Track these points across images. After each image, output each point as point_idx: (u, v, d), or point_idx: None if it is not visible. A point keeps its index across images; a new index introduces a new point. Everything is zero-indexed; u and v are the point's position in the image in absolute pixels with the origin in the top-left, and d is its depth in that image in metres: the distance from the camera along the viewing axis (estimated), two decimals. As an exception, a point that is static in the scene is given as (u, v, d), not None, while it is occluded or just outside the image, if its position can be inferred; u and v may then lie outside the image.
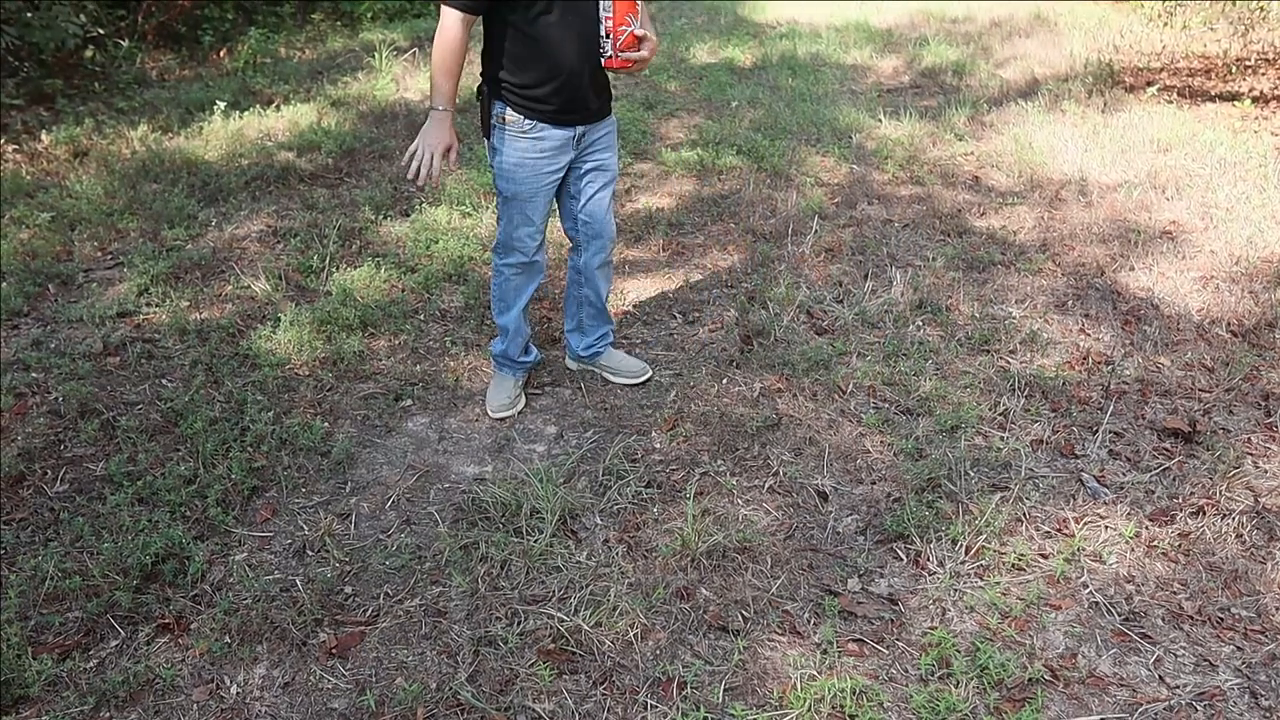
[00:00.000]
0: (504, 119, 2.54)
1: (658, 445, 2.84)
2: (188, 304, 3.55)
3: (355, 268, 3.82)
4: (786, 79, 6.95)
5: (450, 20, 2.39)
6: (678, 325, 3.54)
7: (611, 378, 3.12)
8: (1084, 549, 2.43)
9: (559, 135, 2.57)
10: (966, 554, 2.40)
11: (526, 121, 2.53)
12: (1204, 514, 2.54)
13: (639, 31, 2.45)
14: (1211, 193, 4.62)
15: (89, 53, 6.55)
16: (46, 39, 5.75)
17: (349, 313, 3.44)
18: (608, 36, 2.46)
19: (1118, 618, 2.22)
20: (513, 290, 2.85)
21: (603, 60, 2.50)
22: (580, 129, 2.60)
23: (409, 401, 3.04)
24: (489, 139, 2.62)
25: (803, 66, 7.30)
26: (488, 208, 4.42)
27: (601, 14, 2.45)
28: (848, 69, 7.35)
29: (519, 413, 2.98)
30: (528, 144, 2.56)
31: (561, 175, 2.67)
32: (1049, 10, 8.90)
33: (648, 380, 3.11)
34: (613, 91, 2.72)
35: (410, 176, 2.43)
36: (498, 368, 3.03)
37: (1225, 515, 2.53)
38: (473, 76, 2.84)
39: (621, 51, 2.47)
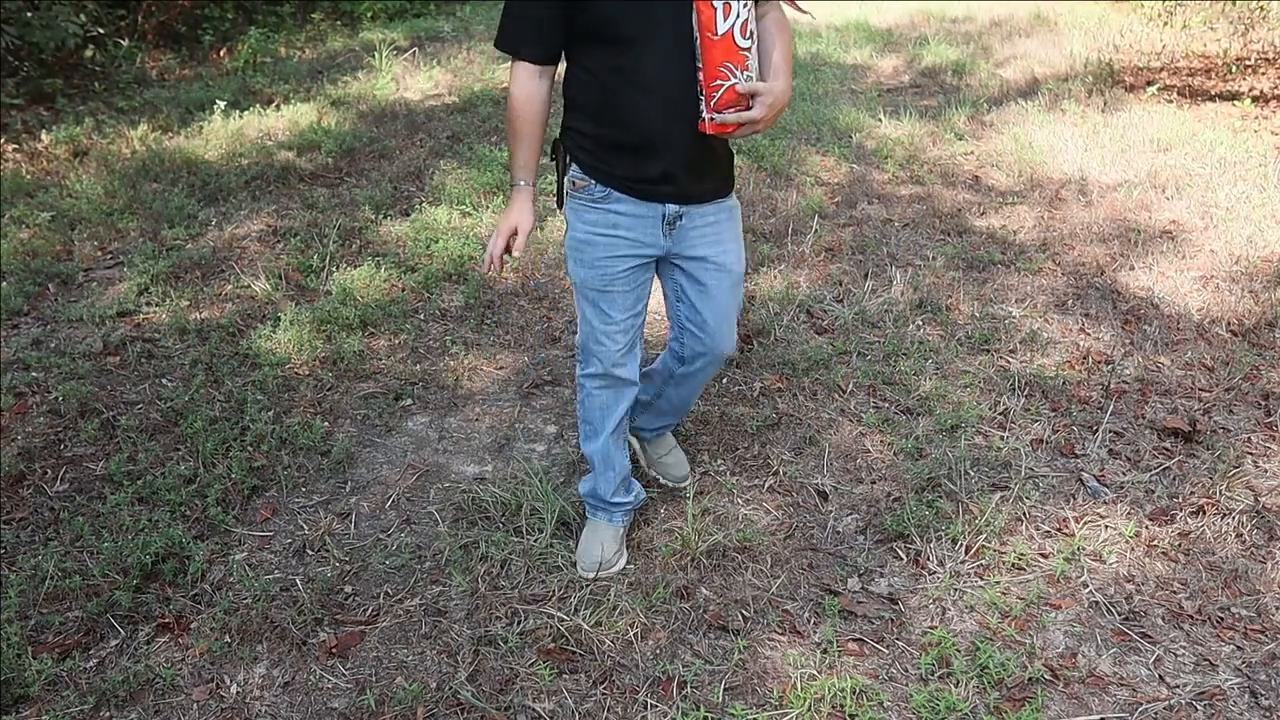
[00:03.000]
0: (575, 184, 2.01)
1: (658, 445, 2.83)
2: (188, 304, 3.55)
3: (355, 267, 3.82)
4: (786, 78, 6.94)
5: (516, 74, 1.94)
6: (678, 325, 3.54)
7: (645, 467, 2.61)
8: (1084, 548, 2.43)
9: (640, 212, 1.99)
10: (966, 553, 2.40)
11: (598, 188, 1.98)
12: (1204, 514, 2.54)
13: (743, 86, 1.80)
14: (1211, 192, 4.62)
15: (89, 52, 6.55)
16: (46, 39, 5.75)
17: (349, 312, 3.44)
18: (701, 93, 1.84)
19: (1118, 617, 2.22)
20: (598, 409, 2.24)
21: (699, 123, 1.87)
22: (674, 209, 1.99)
23: (409, 401, 3.04)
24: (560, 208, 2.11)
25: (803, 66, 7.29)
26: (488, 207, 4.42)
27: (697, 63, 1.83)
28: (848, 68, 7.35)
29: (620, 571, 2.35)
30: (598, 216, 2.00)
31: (649, 265, 2.09)
32: (1049, 10, 8.90)
33: (684, 485, 2.61)
34: (731, 164, 2.12)
35: (484, 268, 2.05)
36: (590, 512, 2.40)
37: (1225, 515, 2.53)
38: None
39: (716, 112, 1.83)
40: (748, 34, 1.79)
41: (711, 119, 1.84)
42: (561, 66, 1.98)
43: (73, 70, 6.33)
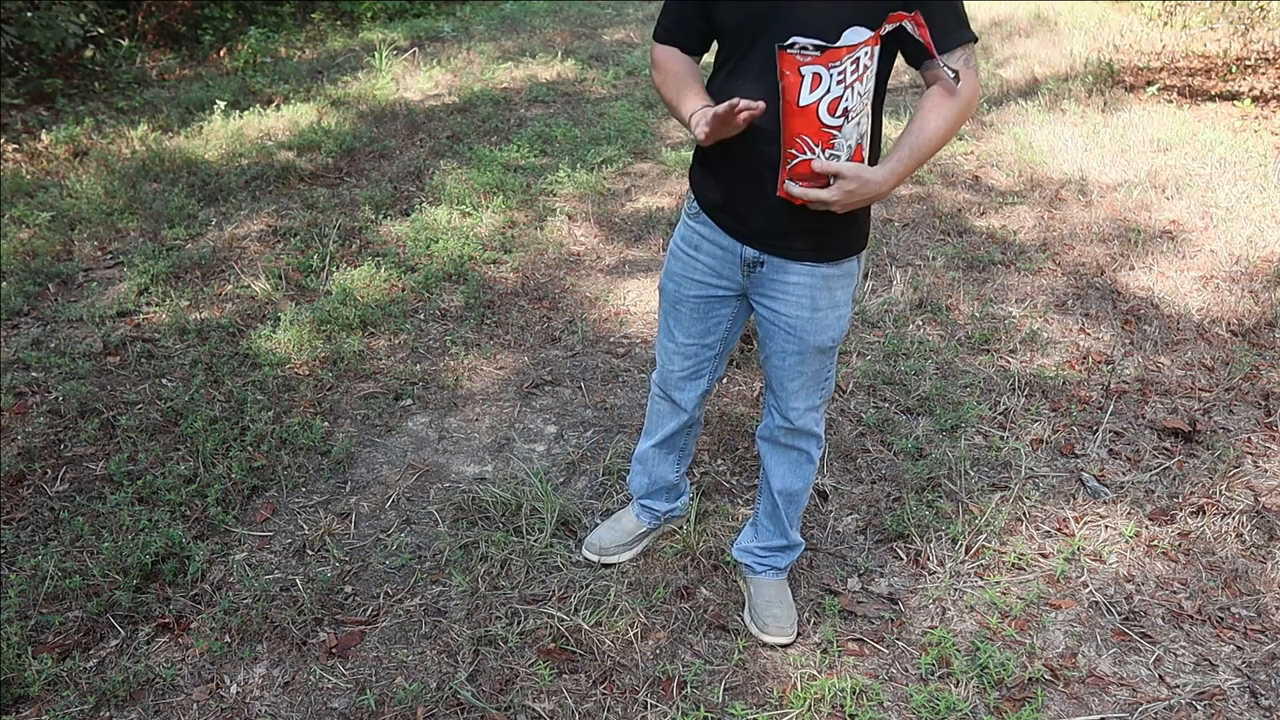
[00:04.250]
0: (688, 192, 1.94)
1: (658, 445, 2.83)
2: (188, 304, 3.55)
3: (355, 267, 3.82)
4: (786, 78, 6.94)
5: (653, 48, 1.87)
6: (678, 325, 3.54)
7: (746, 619, 2.21)
8: (1084, 549, 2.43)
9: (722, 242, 1.85)
10: (966, 553, 2.40)
11: (694, 204, 1.90)
12: (1204, 514, 2.54)
13: (820, 165, 1.60)
14: (1211, 192, 4.62)
15: (89, 52, 6.55)
16: (46, 39, 5.75)
17: (349, 312, 3.44)
18: (780, 154, 1.66)
19: (1118, 617, 2.22)
20: (654, 414, 2.22)
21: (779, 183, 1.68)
22: (751, 253, 1.83)
23: (409, 401, 3.04)
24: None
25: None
26: (488, 207, 4.42)
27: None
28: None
29: (626, 560, 2.36)
30: (687, 232, 1.92)
31: (727, 300, 1.94)
32: (1049, 10, 8.90)
33: (786, 644, 2.15)
34: (842, 234, 1.81)
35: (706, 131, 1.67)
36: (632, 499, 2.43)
37: (1225, 515, 2.53)
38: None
39: (789, 179, 1.64)
40: (838, 113, 1.57)
41: (784, 184, 1.66)
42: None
43: (73, 70, 6.33)
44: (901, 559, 2.40)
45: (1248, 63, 6.93)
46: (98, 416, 2.88)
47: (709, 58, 1.84)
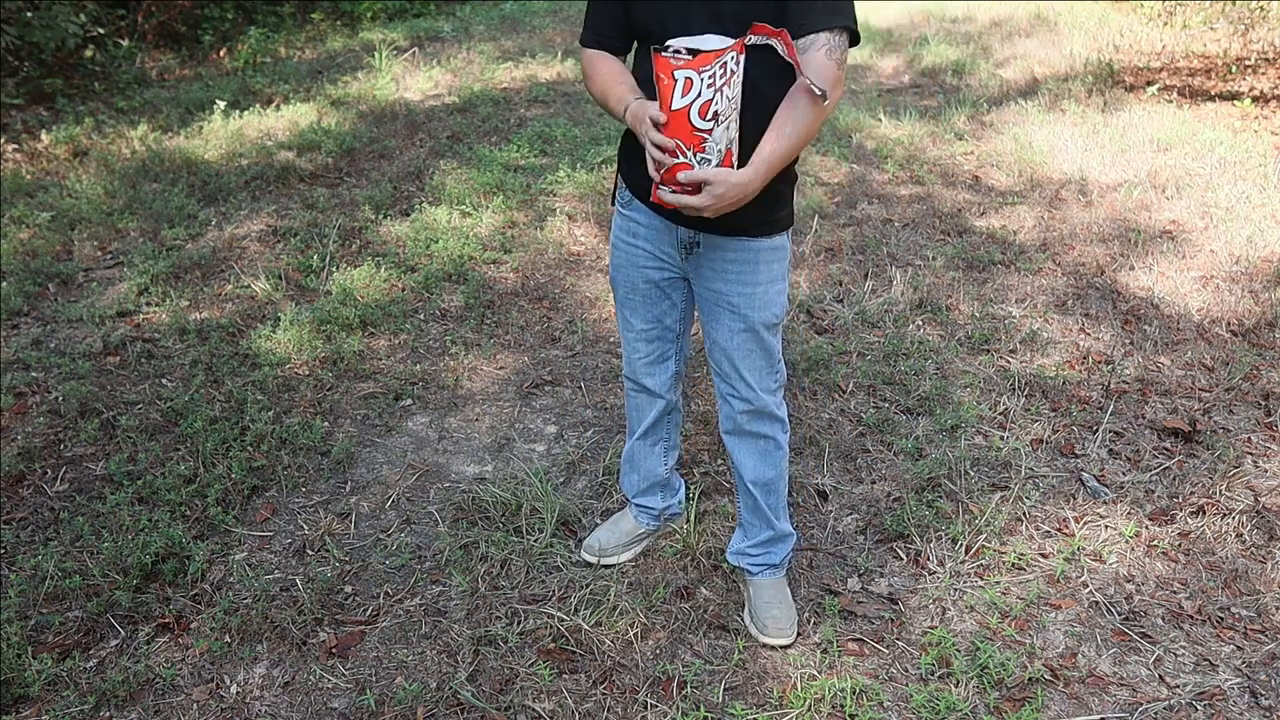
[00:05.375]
0: (616, 185, 2.01)
1: (658, 445, 2.83)
2: (188, 304, 3.55)
3: (355, 267, 3.82)
4: (786, 79, 6.94)
5: (582, 55, 1.91)
6: (678, 325, 3.54)
7: (746, 620, 2.20)
8: (1084, 549, 2.43)
9: (657, 225, 1.91)
10: (966, 553, 2.40)
11: (625, 193, 1.96)
12: (1204, 514, 2.54)
13: (686, 176, 1.60)
14: (1211, 192, 4.62)
15: (89, 52, 6.56)
16: (46, 39, 5.75)
17: (349, 312, 3.44)
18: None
19: (1118, 617, 2.22)
20: (633, 409, 2.26)
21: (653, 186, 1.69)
22: (687, 234, 1.88)
23: (409, 401, 3.04)
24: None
25: (803, 66, 7.28)
26: (488, 207, 4.42)
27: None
28: (847, 69, 7.35)
29: (625, 561, 2.37)
30: (624, 222, 1.98)
31: (675, 282, 2.00)
32: (1049, 10, 8.90)
33: (785, 645, 2.14)
34: (766, 212, 1.81)
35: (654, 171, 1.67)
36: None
37: (1225, 515, 2.53)
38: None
39: (662, 184, 1.65)
40: (709, 116, 1.57)
41: (656, 189, 1.66)
42: None
43: (73, 70, 6.33)
44: (901, 559, 2.40)
45: (1248, 63, 6.93)
46: (98, 416, 2.88)
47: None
